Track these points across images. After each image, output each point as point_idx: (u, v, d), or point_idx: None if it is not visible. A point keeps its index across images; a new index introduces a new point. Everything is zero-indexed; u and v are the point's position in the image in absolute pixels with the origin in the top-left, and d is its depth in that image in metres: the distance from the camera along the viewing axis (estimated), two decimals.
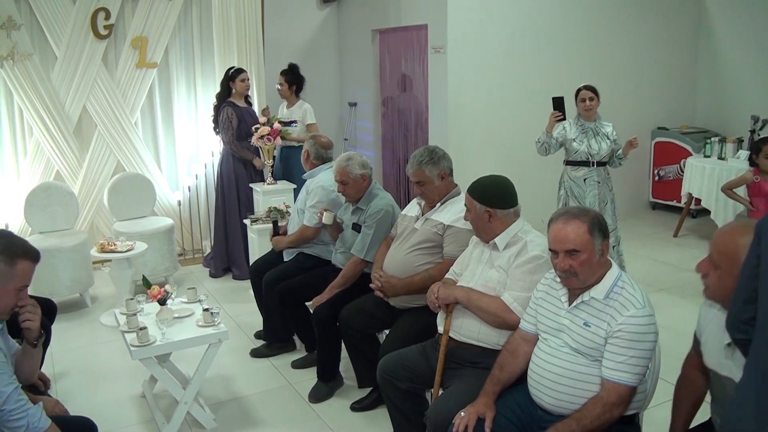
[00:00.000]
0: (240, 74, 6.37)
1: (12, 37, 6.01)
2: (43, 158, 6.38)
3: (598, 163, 5.51)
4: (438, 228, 3.64)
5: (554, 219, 2.59)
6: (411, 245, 3.70)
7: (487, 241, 3.11)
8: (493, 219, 3.07)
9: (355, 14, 8.69)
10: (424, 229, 3.68)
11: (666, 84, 8.63)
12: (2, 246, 2.54)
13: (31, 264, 2.60)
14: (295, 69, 6.83)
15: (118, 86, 6.54)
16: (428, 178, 3.66)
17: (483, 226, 3.11)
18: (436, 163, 3.66)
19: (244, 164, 6.43)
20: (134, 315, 3.74)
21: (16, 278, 2.53)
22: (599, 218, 2.55)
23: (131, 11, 6.50)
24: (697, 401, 2.48)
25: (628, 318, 2.40)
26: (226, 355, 4.64)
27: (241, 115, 6.32)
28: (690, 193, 7.31)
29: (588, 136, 5.48)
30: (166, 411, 3.93)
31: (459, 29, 6.95)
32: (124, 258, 5.28)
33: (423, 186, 3.69)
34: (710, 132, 8.21)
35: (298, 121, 6.63)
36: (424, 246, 3.66)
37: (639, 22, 8.18)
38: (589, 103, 5.43)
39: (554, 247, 2.54)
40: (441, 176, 3.67)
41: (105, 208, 6.53)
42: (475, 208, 3.10)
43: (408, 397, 3.19)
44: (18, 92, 6.14)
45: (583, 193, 5.50)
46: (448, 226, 3.61)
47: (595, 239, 2.49)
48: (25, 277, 2.58)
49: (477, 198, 3.11)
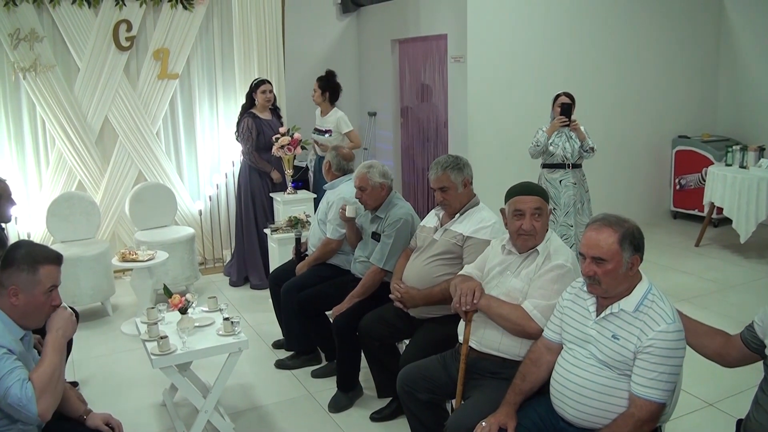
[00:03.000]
0: (261, 85, 6.35)
1: (35, 49, 6.09)
2: (66, 168, 6.45)
3: (573, 165, 5.75)
4: (458, 239, 3.62)
5: (590, 223, 2.57)
6: (430, 256, 3.69)
7: (532, 246, 3.03)
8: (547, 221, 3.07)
9: (374, 24, 8.72)
10: (443, 240, 3.67)
11: (687, 92, 8.57)
12: (22, 255, 2.59)
13: (53, 267, 2.65)
14: (331, 76, 6.80)
15: (140, 97, 6.60)
16: (452, 183, 3.64)
17: (546, 229, 3.06)
18: (461, 169, 3.65)
19: (260, 174, 6.45)
20: (155, 324, 3.75)
21: (41, 283, 2.59)
22: (635, 231, 2.50)
23: (153, 23, 6.57)
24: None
25: (660, 333, 2.36)
26: (247, 364, 4.65)
27: (260, 126, 6.32)
28: (712, 202, 7.25)
29: (562, 139, 5.73)
30: (186, 419, 3.94)
31: (479, 39, 6.95)
32: (145, 267, 5.31)
33: (446, 192, 3.66)
34: (732, 140, 8.14)
35: (332, 131, 6.64)
36: (443, 257, 3.65)
37: (660, 31, 8.14)
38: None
39: (583, 251, 2.52)
40: (464, 183, 3.66)
41: (126, 218, 6.58)
42: (547, 211, 3.05)
43: (428, 408, 3.17)
44: (41, 103, 6.21)
45: (559, 194, 5.75)
46: (468, 237, 3.59)
47: (624, 251, 2.46)
48: (49, 278, 2.62)
49: (546, 199, 3.08)
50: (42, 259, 2.62)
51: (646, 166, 8.46)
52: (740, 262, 6.84)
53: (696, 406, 3.95)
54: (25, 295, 2.56)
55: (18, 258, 2.59)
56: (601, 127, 7.23)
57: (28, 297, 2.56)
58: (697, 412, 3.91)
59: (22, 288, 2.55)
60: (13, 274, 2.57)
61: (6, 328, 2.54)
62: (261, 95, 6.33)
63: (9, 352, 2.46)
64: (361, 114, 9.12)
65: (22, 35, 6.03)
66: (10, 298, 2.55)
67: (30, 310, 2.59)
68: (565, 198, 5.71)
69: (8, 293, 2.55)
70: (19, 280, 2.56)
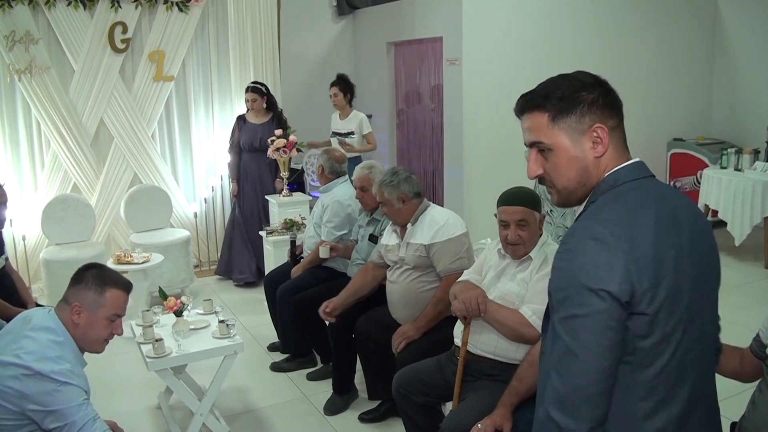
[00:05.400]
0: (245, 93, 6.51)
1: (30, 51, 6.07)
2: (61, 170, 6.43)
3: None
4: (420, 251, 3.62)
5: None
6: (407, 273, 3.69)
7: (524, 254, 3.01)
8: (540, 227, 3.05)
9: (370, 27, 8.73)
10: (410, 255, 3.66)
11: (682, 95, 8.58)
12: (93, 275, 2.60)
13: (121, 293, 2.64)
14: (346, 78, 6.88)
15: (135, 99, 6.59)
16: (388, 200, 3.68)
17: (536, 237, 3.02)
18: (395, 186, 3.66)
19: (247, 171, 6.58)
20: (150, 326, 3.76)
21: (105, 306, 2.57)
22: None
23: (148, 25, 6.56)
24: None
25: None
26: (242, 366, 4.64)
27: (242, 128, 6.51)
28: (707, 205, 7.26)
29: None
30: (181, 422, 3.94)
31: (474, 42, 6.95)
32: (140, 269, 5.31)
33: (384, 207, 3.75)
34: (727, 143, 8.15)
35: (355, 132, 6.68)
36: (418, 272, 3.66)
37: (654, 33, 8.16)
38: None
39: None
40: (401, 199, 3.66)
41: (122, 220, 6.57)
42: (536, 220, 3.00)
43: (423, 410, 3.17)
44: (36, 105, 6.20)
45: None
46: (430, 245, 3.59)
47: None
48: (114, 304, 2.61)
49: (535, 207, 3.02)
50: (111, 282, 2.61)
51: None
52: (735, 265, 6.86)
53: None
54: (87, 315, 2.54)
55: (88, 276, 2.60)
56: None
57: (90, 318, 2.55)
58: None
59: (85, 307, 2.54)
60: (80, 292, 2.57)
61: (77, 361, 2.53)
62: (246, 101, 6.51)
63: (86, 395, 2.45)
64: None
65: (18, 37, 6.01)
66: (72, 315, 2.54)
67: (90, 332, 2.57)
68: None
69: (71, 310, 2.54)
70: (84, 298, 2.55)
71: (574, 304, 1.50)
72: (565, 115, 1.65)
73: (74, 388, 2.39)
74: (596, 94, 1.66)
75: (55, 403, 2.33)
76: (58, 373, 2.34)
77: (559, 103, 1.65)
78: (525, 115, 1.74)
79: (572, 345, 1.50)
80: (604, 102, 1.66)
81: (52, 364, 2.29)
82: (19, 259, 6.06)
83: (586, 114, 1.64)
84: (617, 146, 1.68)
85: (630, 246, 1.51)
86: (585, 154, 1.65)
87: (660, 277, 1.53)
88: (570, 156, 1.66)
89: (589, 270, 1.49)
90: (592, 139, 1.64)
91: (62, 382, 2.35)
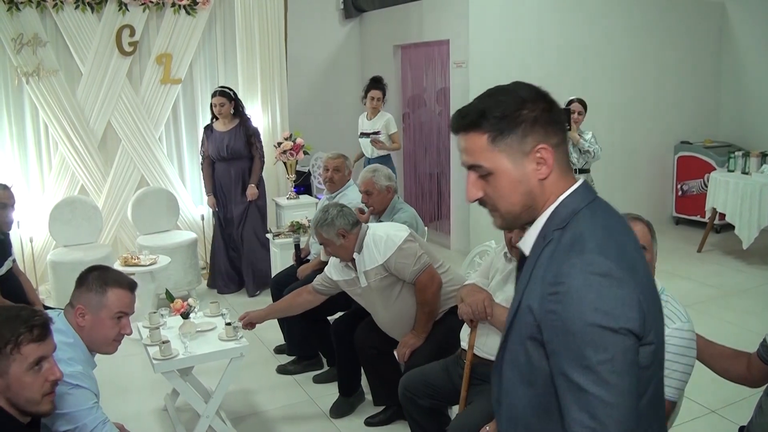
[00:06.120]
0: (212, 98, 6.23)
1: (38, 54, 6.10)
2: (68, 172, 6.45)
3: (580, 170, 5.77)
4: (379, 272, 3.57)
5: None
6: (385, 298, 3.64)
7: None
8: None
9: (377, 30, 8.74)
10: (374, 284, 3.61)
11: (689, 98, 8.57)
12: (94, 277, 2.61)
13: (123, 292, 2.63)
14: (384, 80, 6.96)
15: (143, 102, 6.61)
16: (327, 240, 3.60)
17: None
18: (330, 224, 3.56)
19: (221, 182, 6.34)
20: (157, 328, 3.76)
21: (108, 306, 2.57)
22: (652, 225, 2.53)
23: (156, 28, 6.58)
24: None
25: (675, 330, 2.33)
26: (248, 369, 4.64)
27: (211, 138, 6.25)
28: (714, 208, 7.25)
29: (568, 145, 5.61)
30: (187, 424, 3.94)
31: (481, 44, 6.96)
32: (147, 271, 5.32)
33: (327, 248, 3.65)
34: (734, 146, 8.14)
35: (381, 132, 6.73)
36: (395, 289, 3.62)
37: (662, 36, 8.15)
38: (578, 117, 5.66)
39: None
40: (340, 235, 3.57)
41: (129, 222, 6.58)
42: None
43: (430, 414, 3.17)
44: (43, 108, 6.22)
45: None
46: (385, 263, 3.54)
47: (654, 244, 2.47)
48: (117, 303, 2.59)
49: None
50: (113, 282, 2.61)
51: (648, 171, 8.47)
52: (743, 268, 6.84)
53: (698, 413, 3.94)
54: (91, 317, 2.55)
55: (90, 279, 2.60)
56: (603, 133, 7.23)
57: (95, 319, 2.55)
58: (700, 418, 3.91)
59: (89, 309, 2.55)
60: (83, 294, 2.57)
61: (87, 362, 2.54)
62: (213, 107, 6.22)
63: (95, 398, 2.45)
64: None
65: (25, 40, 6.04)
66: (76, 318, 2.54)
67: (96, 333, 2.57)
68: None
69: (75, 313, 2.54)
70: (88, 300, 2.56)
71: (595, 350, 1.36)
72: (506, 135, 1.50)
73: (85, 391, 2.40)
74: (538, 110, 1.51)
75: (66, 406, 2.34)
76: (69, 375, 2.33)
77: (499, 122, 1.49)
78: (461, 135, 1.56)
79: (602, 394, 1.35)
80: (546, 119, 1.52)
81: (64, 366, 2.30)
82: (26, 260, 6.09)
83: (529, 134, 1.50)
84: (561, 166, 1.55)
85: (633, 274, 1.42)
86: (528, 177, 1.52)
87: (652, 302, 1.47)
88: (512, 179, 1.52)
89: (604, 309, 1.36)
90: (536, 160, 1.51)
91: (74, 385, 2.36)
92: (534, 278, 1.49)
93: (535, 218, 1.57)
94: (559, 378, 1.41)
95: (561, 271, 1.41)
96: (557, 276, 1.42)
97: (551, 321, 1.41)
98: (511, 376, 1.56)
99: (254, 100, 6.88)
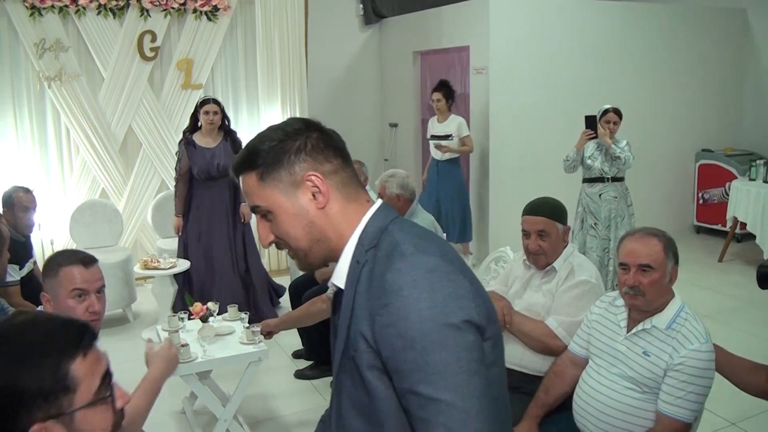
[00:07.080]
0: (205, 105, 5.49)
1: (60, 59, 6.17)
2: (89, 176, 6.51)
3: (614, 178, 5.65)
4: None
5: (629, 234, 2.54)
6: None
7: (546, 265, 2.99)
8: (565, 238, 3.03)
9: (396, 36, 8.75)
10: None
11: (711, 106, 8.51)
12: (49, 261, 2.57)
13: (75, 267, 2.50)
14: (449, 84, 6.93)
15: (164, 107, 6.66)
16: None
17: (558, 247, 2.99)
18: None
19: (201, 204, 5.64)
20: (176, 331, 3.77)
21: (62, 285, 2.49)
22: (673, 242, 2.49)
23: (177, 34, 6.63)
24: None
25: (691, 352, 2.31)
26: (266, 373, 4.65)
27: (193, 155, 5.47)
28: (735, 217, 7.18)
29: (602, 152, 5.65)
30: (205, 428, 3.95)
31: (501, 50, 6.95)
32: (166, 275, 5.35)
33: None
34: (756, 154, 8.06)
35: (453, 135, 6.75)
36: None
37: (683, 43, 8.10)
38: (614, 126, 5.62)
39: (627, 260, 2.46)
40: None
41: (149, 226, 6.62)
42: (557, 230, 2.97)
43: None
44: (65, 112, 6.29)
45: (599, 208, 5.66)
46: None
47: (668, 260, 2.43)
48: (70, 280, 2.48)
49: (558, 218, 2.99)
50: (63, 261, 2.53)
51: (669, 179, 8.41)
52: None
53: (719, 425, 3.90)
54: (54, 302, 2.51)
55: (47, 265, 2.57)
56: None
57: (56, 302, 2.50)
58: (720, 431, 3.87)
59: (51, 294, 2.52)
60: (46, 282, 2.55)
61: None
62: (204, 116, 5.45)
63: None
64: (383, 125, 9.13)
65: (48, 45, 6.11)
66: (45, 307, 2.54)
67: None
68: (605, 212, 5.61)
69: (44, 302, 2.54)
70: (49, 286, 2.53)
71: (438, 352, 1.28)
72: (272, 170, 1.45)
73: None
74: (302, 140, 1.45)
75: None
76: None
77: (265, 157, 1.45)
78: (240, 177, 1.51)
79: (454, 400, 1.27)
80: (314, 147, 1.46)
81: None
82: None
83: (295, 163, 1.44)
84: (344, 190, 1.49)
85: (460, 267, 1.39)
86: (306, 209, 1.46)
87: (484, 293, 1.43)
88: (290, 214, 1.47)
89: (439, 306, 1.30)
90: (309, 189, 1.45)
91: None
92: (358, 306, 1.42)
93: (337, 250, 1.51)
94: (409, 398, 1.32)
95: (386, 279, 1.35)
96: (384, 286, 1.36)
97: (388, 336, 1.33)
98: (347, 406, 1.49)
99: (274, 106, 6.91)
